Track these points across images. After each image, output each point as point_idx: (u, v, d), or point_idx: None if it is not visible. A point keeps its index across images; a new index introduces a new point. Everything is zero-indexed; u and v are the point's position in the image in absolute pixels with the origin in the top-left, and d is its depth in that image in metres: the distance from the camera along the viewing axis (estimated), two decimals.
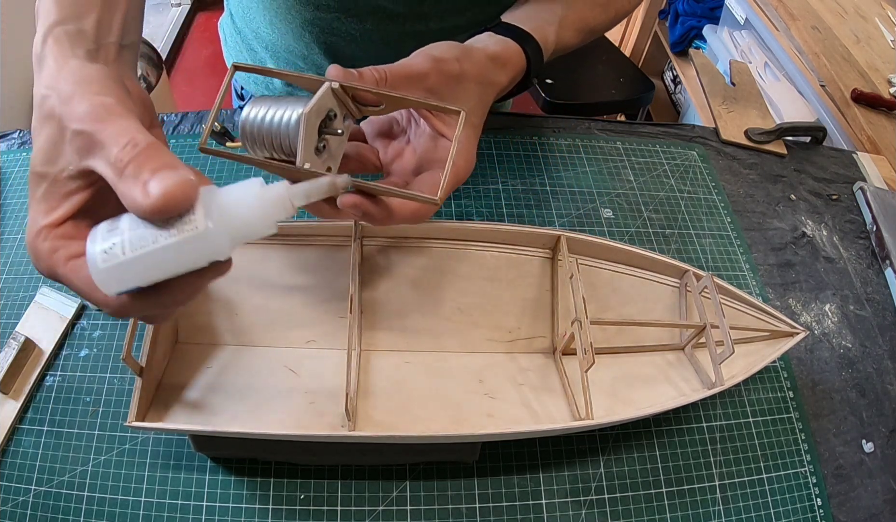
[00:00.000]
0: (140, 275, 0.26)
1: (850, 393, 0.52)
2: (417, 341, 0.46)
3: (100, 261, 0.25)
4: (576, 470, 0.45)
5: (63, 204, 0.28)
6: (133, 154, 0.25)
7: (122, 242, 0.25)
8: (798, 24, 1.15)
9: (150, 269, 0.25)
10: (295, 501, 0.42)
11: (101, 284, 0.26)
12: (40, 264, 0.28)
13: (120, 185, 0.25)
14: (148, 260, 0.25)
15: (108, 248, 0.25)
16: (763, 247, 0.61)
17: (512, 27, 0.45)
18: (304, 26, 0.59)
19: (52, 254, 0.27)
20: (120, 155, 0.25)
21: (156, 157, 0.25)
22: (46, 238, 0.28)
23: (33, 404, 0.45)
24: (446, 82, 0.38)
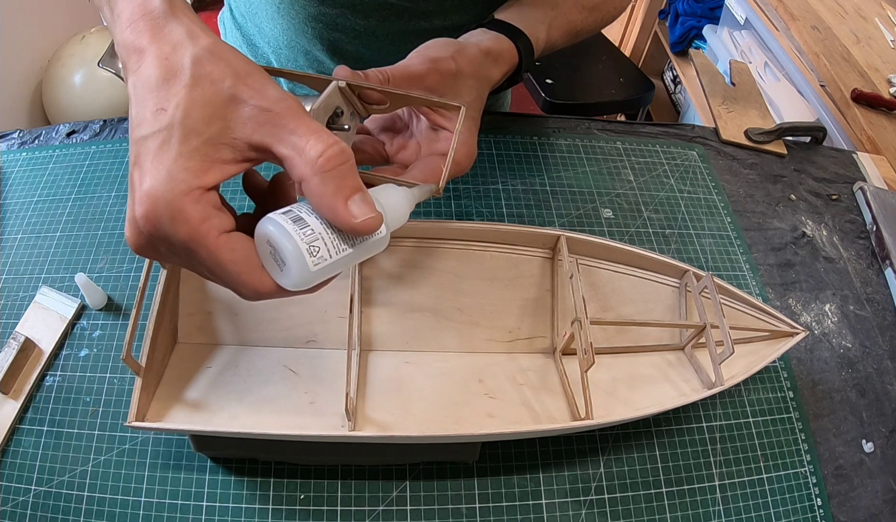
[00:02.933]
0: (329, 273, 0.27)
1: (850, 393, 0.52)
2: (417, 341, 0.46)
3: (310, 263, 0.26)
4: (576, 470, 0.45)
5: (215, 168, 0.26)
6: (338, 162, 0.26)
7: (324, 244, 0.26)
8: (798, 24, 1.15)
9: (340, 267, 0.28)
10: (295, 501, 0.42)
11: (300, 282, 0.26)
12: (179, 230, 0.25)
13: (317, 184, 0.26)
14: (345, 260, 0.27)
15: (315, 250, 0.26)
16: (763, 247, 0.61)
17: (505, 24, 0.47)
18: (307, 22, 0.59)
19: (203, 221, 0.25)
20: (326, 156, 0.26)
21: (353, 175, 0.27)
22: (198, 200, 0.25)
23: (33, 404, 0.45)
24: (444, 80, 0.40)
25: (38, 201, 0.56)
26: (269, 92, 0.26)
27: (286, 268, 0.26)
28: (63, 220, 0.55)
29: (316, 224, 0.26)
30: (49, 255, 0.52)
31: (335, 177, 0.26)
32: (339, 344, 0.45)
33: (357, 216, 0.26)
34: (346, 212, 0.26)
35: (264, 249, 0.26)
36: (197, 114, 0.25)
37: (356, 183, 0.27)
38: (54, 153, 0.60)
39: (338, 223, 0.26)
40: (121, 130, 0.63)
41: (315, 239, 0.26)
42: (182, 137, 0.25)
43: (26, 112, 1.53)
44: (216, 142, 0.26)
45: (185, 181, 0.25)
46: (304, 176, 0.26)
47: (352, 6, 0.56)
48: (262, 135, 0.26)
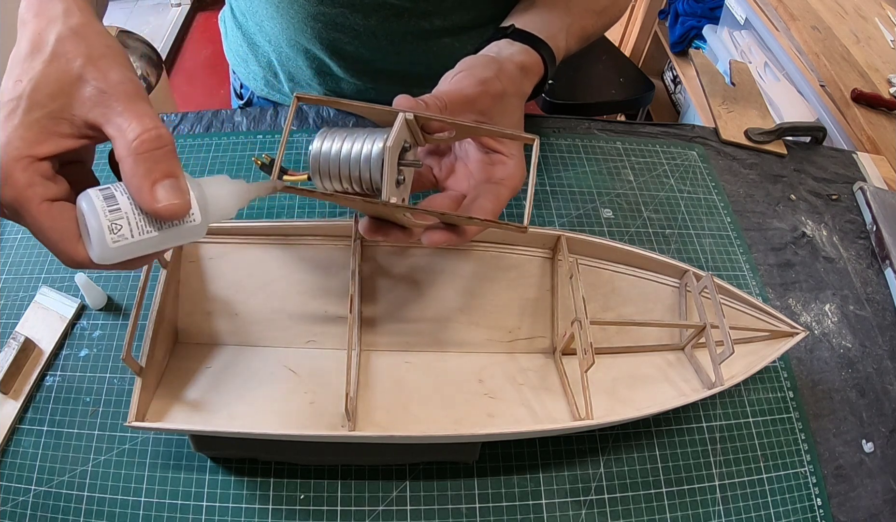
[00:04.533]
0: (135, 252, 0.28)
1: (850, 393, 0.52)
2: (417, 341, 0.46)
3: (111, 241, 0.27)
4: (576, 470, 0.45)
5: (51, 140, 0.28)
6: (152, 146, 0.27)
7: (128, 223, 0.27)
8: (798, 24, 1.15)
9: (146, 248, 0.28)
10: (295, 501, 0.42)
11: (100, 257, 0.27)
12: (6, 192, 0.27)
13: (130, 165, 0.27)
14: (149, 242, 0.28)
15: (116, 228, 0.27)
16: (763, 247, 0.61)
17: (529, 34, 0.46)
18: (306, 21, 0.59)
19: (28, 188, 0.27)
20: (141, 138, 0.27)
21: (168, 160, 0.28)
22: (27, 168, 0.27)
23: (33, 404, 0.45)
24: (493, 102, 0.39)
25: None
26: (111, 75, 0.28)
27: (90, 242, 0.27)
28: None
29: (125, 203, 0.27)
30: (49, 255, 0.52)
31: (146, 159, 0.27)
32: (339, 344, 0.45)
33: (160, 200, 0.27)
34: (150, 196, 0.27)
35: (82, 221, 0.27)
36: (45, 89, 0.27)
37: (169, 169, 0.27)
38: None
39: (142, 205, 0.27)
40: None
41: (119, 217, 0.27)
42: (26, 108, 0.27)
43: None
44: (56, 116, 0.28)
45: (17, 148, 0.27)
46: (121, 156, 0.27)
47: (351, 5, 0.56)
48: (96, 114, 0.28)
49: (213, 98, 2.03)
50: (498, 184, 0.38)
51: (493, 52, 0.44)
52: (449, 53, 0.46)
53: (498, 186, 0.38)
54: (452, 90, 0.38)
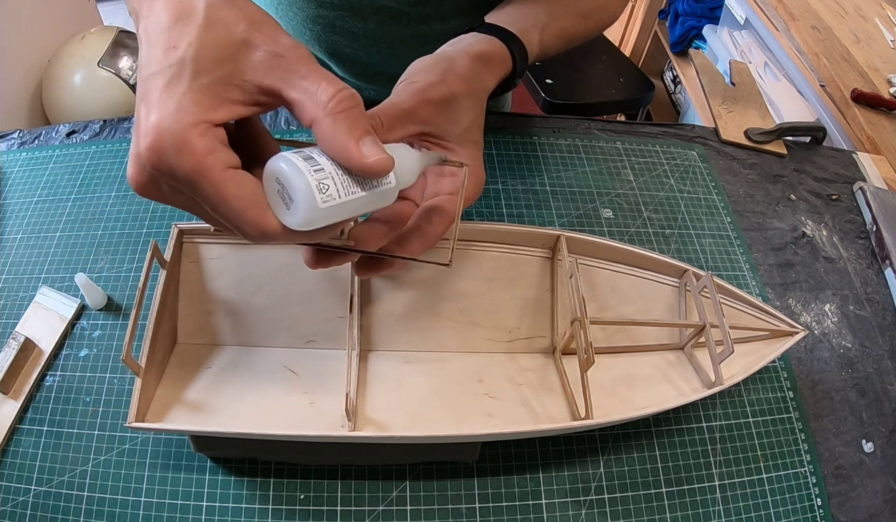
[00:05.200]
0: (338, 216, 0.27)
1: (849, 393, 0.52)
2: (417, 341, 0.46)
3: (319, 200, 0.26)
4: (576, 470, 0.45)
5: (224, 106, 0.26)
6: (349, 104, 0.27)
7: (334, 183, 0.26)
8: (798, 24, 1.15)
9: (347, 212, 0.27)
10: (295, 501, 0.42)
11: (306, 221, 0.26)
12: (184, 161, 0.24)
13: (329, 125, 0.26)
14: (353, 204, 0.27)
15: (325, 188, 0.26)
16: (763, 247, 0.61)
17: (496, 27, 0.45)
18: (305, 24, 0.59)
19: (210, 154, 0.25)
20: (337, 98, 0.26)
21: (364, 118, 0.27)
22: (206, 133, 0.25)
23: (33, 404, 0.45)
24: (437, 110, 0.37)
25: (38, 201, 0.56)
26: (281, 39, 0.27)
27: (294, 205, 0.26)
28: (63, 220, 0.55)
29: (327, 164, 0.26)
30: (49, 255, 0.52)
31: (347, 118, 0.26)
32: (339, 344, 0.45)
33: (369, 155, 0.26)
34: (358, 152, 0.26)
35: (272, 188, 0.26)
36: (209, 54, 0.26)
37: (367, 126, 0.27)
38: (54, 153, 0.60)
39: (350, 162, 0.26)
40: (121, 130, 0.63)
41: (325, 177, 0.26)
42: (193, 73, 0.25)
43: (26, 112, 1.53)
44: (227, 82, 0.26)
45: (193, 113, 0.25)
46: (316, 118, 0.26)
47: (349, 8, 0.56)
48: (274, 79, 0.27)
49: None
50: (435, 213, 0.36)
51: (451, 46, 0.43)
52: None
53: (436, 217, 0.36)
54: (388, 105, 0.36)
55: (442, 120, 0.38)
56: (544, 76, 1.45)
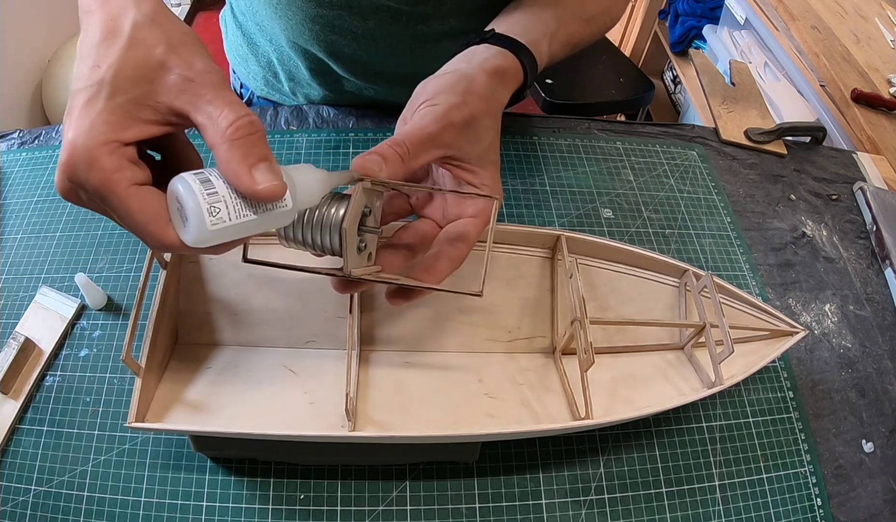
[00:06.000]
0: (230, 236, 0.28)
1: (850, 393, 0.52)
2: (417, 341, 0.46)
3: (209, 223, 0.27)
4: (576, 470, 0.45)
5: (135, 125, 0.28)
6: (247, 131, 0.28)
7: (226, 206, 0.27)
8: (798, 24, 1.15)
9: (239, 232, 0.28)
10: (295, 501, 0.42)
11: (196, 240, 0.27)
12: (93, 176, 0.27)
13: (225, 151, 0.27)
14: (245, 226, 0.28)
15: (215, 211, 0.27)
16: (763, 247, 0.61)
17: (508, 38, 0.45)
18: (304, 23, 0.59)
19: (116, 171, 0.27)
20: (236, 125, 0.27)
21: (262, 144, 0.28)
22: (114, 152, 0.27)
23: (33, 404, 0.45)
24: (459, 133, 0.38)
25: (38, 201, 0.56)
26: (195, 63, 0.29)
27: (188, 224, 0.27)
28: (63, 220, 0.55)
29: (222, 187, 0.27)
30: (49, 255, 0.52)
31: (242, 145, 0.27)
32: (339, 344, 0.45)
33: (259, 182, 0.27)
34: (249, 178, 0.27)
35: (173, 205, 0.28)
36: (126, 74, 0.28)
37: (263, 152, 0.28)
38: (54, 153, 0.60)
39: (241, 188, 0.27)
40: None
41: (218, 200, 0.27)
42: (109, 94, 0.27)
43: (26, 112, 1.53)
44: (140, 102, 0.28)
45: (103, 133, 0.27)
46: (215, 143, 0.27)
47: (349, 8, 0.56)
48: (183, 102, 0.28)
49: None
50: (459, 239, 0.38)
51: (465, 61, 0.43)
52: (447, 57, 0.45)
53: (459, 243, 0.38)
54: (414, 130, 0.37)
55: (463, 142, 0.38)
56: (544, 76, 1.45)
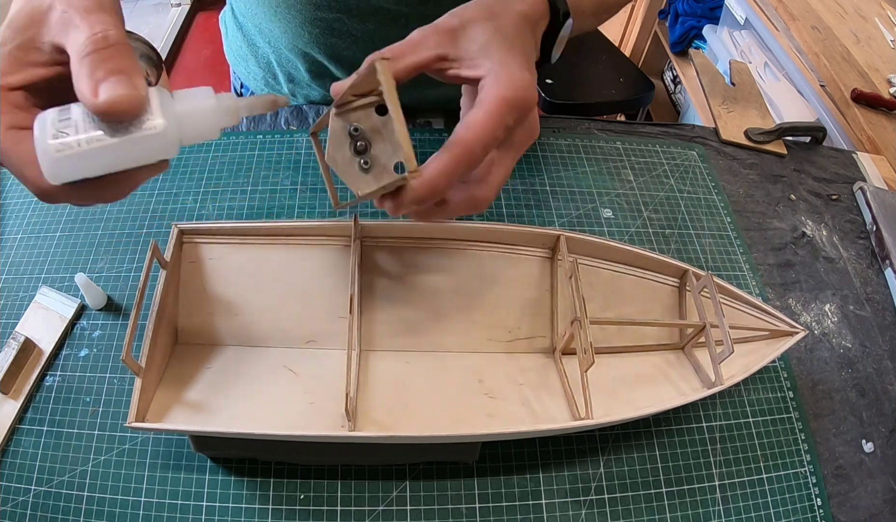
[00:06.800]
0: (90, 168, 0.26)
1: (850, 393, 0.52)
2: (417, 341, 0.46)
3: (53, 149, 0.25)
4: (576, 470, 0.45)
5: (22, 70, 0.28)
6: (97, 46, 0.26)
7: (76, 133, 0.25)
8: (798, 24, 1.15)
9: (101, 163, 0.26)
10: (295, 501, 0.42)
11: (50, 173, 0.25)
12: None
13: (75, 71, 0.26)
14: (102, 153, 0.25)
15: (63, 138, 0.25)
16: (763, 247, 0.61)
17: None
18: (304, 26, 0.59)
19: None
20: (87, 41, 0.26)
21: (116, 58, 0.26)
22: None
23: (33, 404, 0.45)
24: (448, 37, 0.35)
25: (38, 201, 0.56)
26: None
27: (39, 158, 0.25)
28: (63, 220, 0.55)
29: (78, 113, 0.25)
30: (49, 255, 0.52)
31: (92, 59, 0.26)
32: (339, 344, 0.45)
33: (101, 94, 0.25)
34: (90, 91, 0.25)
35: None
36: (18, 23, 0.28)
37: (118, 66, 0.26)
38: None
39: (85, 104, 0.26)
40: None
41: (67, 126, 0.25)
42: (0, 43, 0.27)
43: None
44: (27, 46, 0.28)
45: None
46: (73, 65, 0.26)
47: (348, 11, 0.56)
48: (60, 35, 0.27)
49: None
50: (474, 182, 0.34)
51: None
52: None
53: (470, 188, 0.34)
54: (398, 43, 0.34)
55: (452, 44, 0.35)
56: (544, 76, 1.45)
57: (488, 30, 0.35)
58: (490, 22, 0.35)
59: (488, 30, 0.35)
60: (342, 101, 0.33)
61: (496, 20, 0.35)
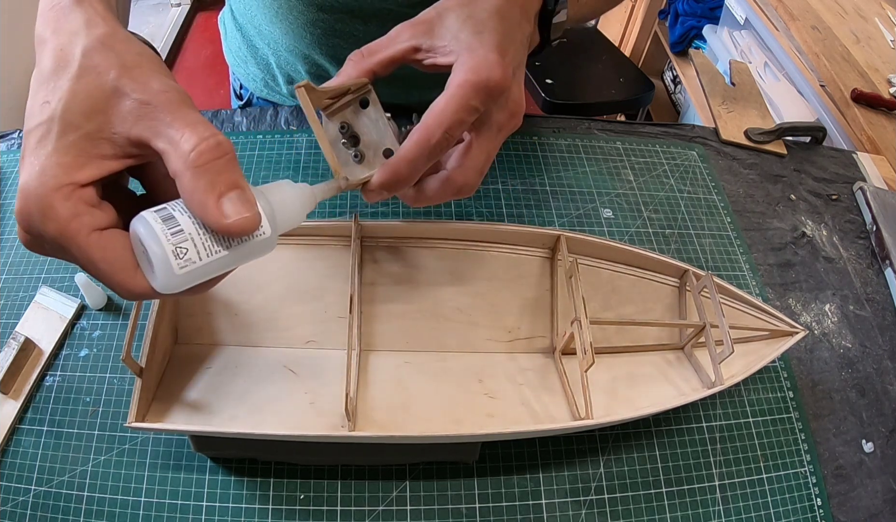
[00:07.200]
0: (203, 275, 0.26)
1: (850, 393, 0.52)
2: (417, 341, 0.46)
3: (176, 266, 0.24)
4: (576, 470, 0.45)
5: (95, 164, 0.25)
6: (213, 156, 0.25)
7: (194, 245, 0.25)
8: (798, 24, 1.15)
9: (214, 271, 0.26)
10: (295, 501, 0.42)
11: (165, 286, 0.25)
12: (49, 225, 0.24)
13: (189, 180, 0.24)
14: (219, 263, 0.25)
15: (182, 253, 0.24)
16: (763, 247, 0.61)
17: None
18: (305, 27, 0.59)
19: (74, 218, 0.24)
20: (200, 150, 0.24)
21: (231, 170, 0.25)
22: (69, 197, 0.24)
23: (33, 404, 0.45)
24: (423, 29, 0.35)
25: None
26: (152, 84, 0.26)
27: (154, 270, 0.25)
28: None
29: (188, 223, 0.25)
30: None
31: (208, 171, 0.24)
32: (339, 344, 0.45)
33: (229, 215, 0.24)
34: (218, 211, 0.24)
35: (138, 248, 0.25)
36: (77, 108, 0.25)
37: (233, 179, 0.25)
38: None
39: (208, 222, 0.25)
40: None
41: (184, 239, 0.24)
42: (60, 131, 0.25)
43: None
44: (95, 137, 0.25)
45: (55, 177, 0.24)
46: (178, 171, 0.25)
47: (349, 12, 0.56)
48: (141, 129, 0.25)
49: (213, 98, 2.03)
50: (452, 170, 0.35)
51: None
52: None
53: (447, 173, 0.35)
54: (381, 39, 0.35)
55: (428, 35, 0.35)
56: (544, 76, 1.45)
57: (462, 16, 0.35)
58: (464, 9, 0.35)
59: (462, 16, 0.35)
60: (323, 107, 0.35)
61: (470, 7, 0.35)
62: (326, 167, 0.59)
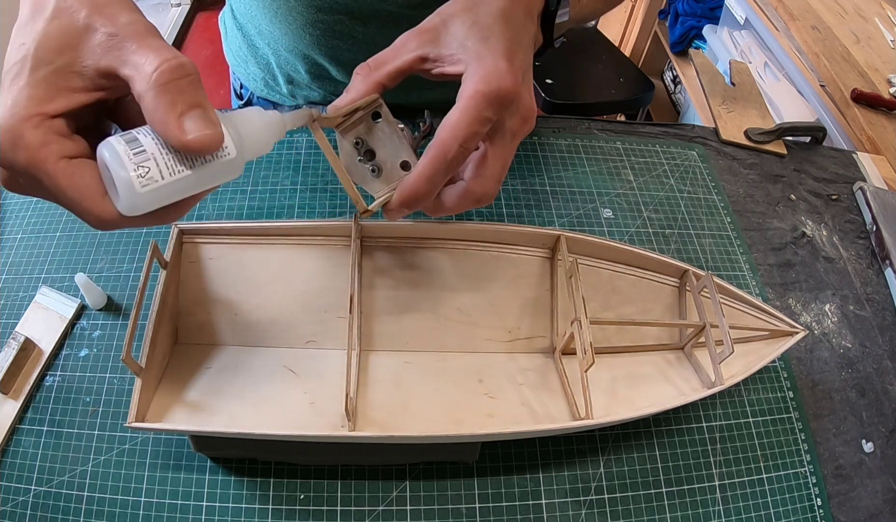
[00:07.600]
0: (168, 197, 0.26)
1: (849, 393, 0.52)
2: (417, 341, 0.46)
3: (137, 184, 0.24)
4: (576, 470, 0.45)
5: (64, 96, 0.26)
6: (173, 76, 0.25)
7: (156, 164, 0.25)
8: (798, 24, 1.15)
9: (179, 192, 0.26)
10: (295, 501, 0.42)
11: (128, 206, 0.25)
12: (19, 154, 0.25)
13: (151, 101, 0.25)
14: (182, 183, 0.26)
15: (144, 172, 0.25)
16: (763, 246, 0.61)
17: None
18: (305, 28, 0.59)
19: (43, 147, 0.25)
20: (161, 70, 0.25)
21: (193, 90, 0.26)
22: (38, 126, 0.25)
23: (33, 404, 0.45)
24: (429, 37, 0.35)
25: (38, 201, 0.56)
26: (120, 18, 0.27)
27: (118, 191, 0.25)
28: (63, 220, 0.55)
29: (151, 144, 0.25)
30: (49, 255, 0.52)
31: (169, 90, 0.25)
32: (339, 344, 0.45)
33: (190, 131, 0.25)
34: (178, 128, 0.25)
35: (106, 175, 0.26)
36: (49, 45, 0.26)
37: (195, 98, 0.26)
38: None
39: (169, 139, 0.25)
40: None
41: (146, 159, 0.25)
42: (32, 67, 0.26)
43: None
44: (65, 71, 0.26)
45: (25, 108, 0.25)
46: (141, 93, 0.25)
47: (349, 13, 0.56)
48: (109, 59, 0.26)
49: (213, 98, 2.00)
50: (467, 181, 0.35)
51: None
52: None
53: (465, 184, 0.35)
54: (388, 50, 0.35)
55: (434, 43, 0.35)
56: (544, 76, 1.45)
57: (466, 23, 0.35)
58: (468, 14, 0.35)
59: (466, 23, 0.35)
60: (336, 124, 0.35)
61: (475, 11, 0.35)
62: (327, 167, 0.59)
